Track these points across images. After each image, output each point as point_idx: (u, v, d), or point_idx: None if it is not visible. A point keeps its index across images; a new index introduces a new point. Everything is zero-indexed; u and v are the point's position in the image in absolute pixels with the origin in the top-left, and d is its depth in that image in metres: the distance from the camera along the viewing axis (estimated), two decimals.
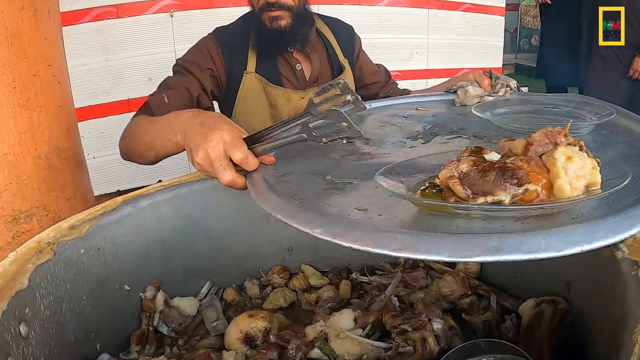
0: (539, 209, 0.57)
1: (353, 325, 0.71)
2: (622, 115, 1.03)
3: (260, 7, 1.42)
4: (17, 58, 0.93)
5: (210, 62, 1.45)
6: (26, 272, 0.69)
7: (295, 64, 1.53)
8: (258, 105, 1.52)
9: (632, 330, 0.46)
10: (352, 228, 0.59)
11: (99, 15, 2.73)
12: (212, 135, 0.88)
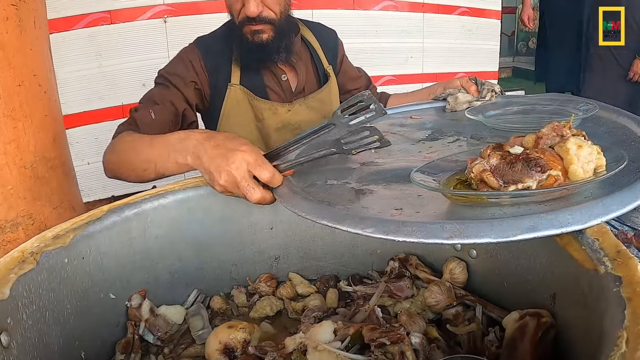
0: (564, 189, 0.66)
1: (332, 337, 0.71)
2: (603, 109, 1.08)
3: (240, 20, 1.37)
4: (1, 68, 0.93)
5: (193, 75, 1.42)
6: (8, 282, 0.69)
7: (280, 75, 1.49)
8: (243, 118, 1.49)
9: (608, 354, 0.46)
10: (401, 224, 0.63)
11: (93, 21, 2.73)
12: (234, 157, 0.89)
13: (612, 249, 0.61)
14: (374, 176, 0.88)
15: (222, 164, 0.89)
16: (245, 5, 1.32)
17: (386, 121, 1.26)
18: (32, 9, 1.02)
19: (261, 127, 1.49)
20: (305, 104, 1.52)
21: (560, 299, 0.72)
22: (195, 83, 1.42)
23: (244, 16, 1.35)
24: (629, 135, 0.91)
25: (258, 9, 1.32)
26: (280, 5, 1.38)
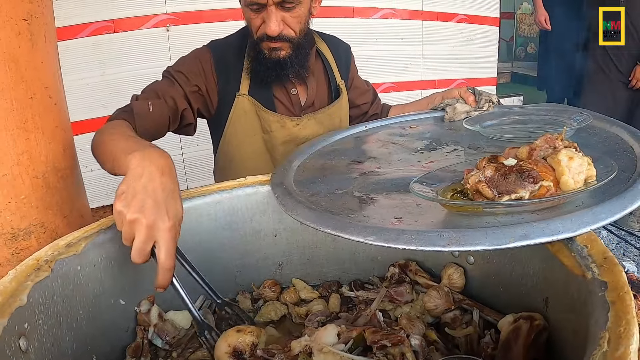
0: (555, 199, 0.70)
1: (336, 340, 0.74)
2: (596, 119, 1.12)
3: (259, 36, 1.35)
4: (14, 82, 0.95)
5: (201, 79, 1.41)
6: (25, 289, 0.72)
7: (290, 89, 1.49)
8: (250, 129, 1.48)
9: (591, 352, 0.49)
10: (401, 233, 0.67)
11: (96, 30, 2.78)
12: (160, 221, 0.81)
13: (600, 255, 0.65)
14: (375, 186, 0.92)
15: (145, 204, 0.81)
16: (267, 23, 1.30)
17: (386, 131, 1.30)
18: (42, 23, 1.05)
19: (268, 139, 1.49)
20: (314, 118, 1.52)
21: (552, 303, 0.75)
22: (200, 87, 1.41)
23: (263, 33, 1.33)
24: (621, 144, 0.95)
25: (279, 28, 1.31)
26: (300, 24, 1.37)
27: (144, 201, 0.81)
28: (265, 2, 1.27)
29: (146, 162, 0.87)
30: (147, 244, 0.81)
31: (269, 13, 1.29)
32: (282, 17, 1.31)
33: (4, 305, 0.68)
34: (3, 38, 0.93)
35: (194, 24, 2.95)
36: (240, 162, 1.52)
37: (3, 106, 0.94)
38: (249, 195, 1.06)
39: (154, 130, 1.31)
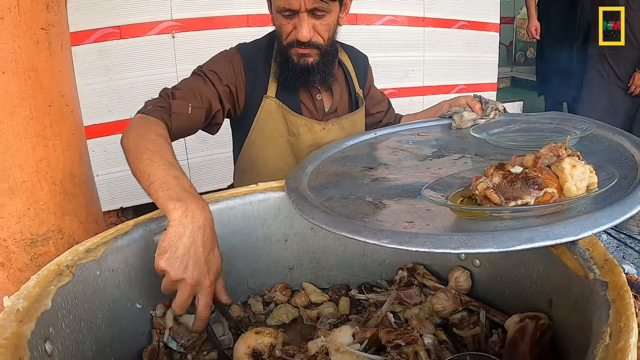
0: (558, 205, 0.73)
1: (352, 340, 0.77)
2: (599, 127, 1.15)
3: (289, 42, 1.39)
4: (33, 91, 0.98)
5: (232, 79, 1.44)
6: (49, 294, 0.75)
7: (315, 94, 1.52)
8: (276, 131, 1.51)
9: (594, 346, 0.53)
10: (414, 236, 0.70)
11: (102, 36, 2.79)
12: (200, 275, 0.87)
13: (601, 257, 0.69)
14: (386, 191, 0.95)
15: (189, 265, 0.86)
16: (298, 30, 1.34)
17: (395, 138, 1.33)
18: (59, 32, 1.07)
19: (294, 141, 1.52)
20: (338, 124, 1.55)
21: (556, 303, 0.79)
22: (230, 87, 1.43)
23: (293, 39, 1.37)
24: (623, 152, 0.98)
25: (310, 35, 1.35)
26: (329, 32, 1.40)
27: (187, 263, 0.86)
28: (297, 8, 1.31)
29: (188, 219, 0.88)
30: (189, 300, 0.88)
31: (300, 20, 1.33)
32: (313, 24, 1.35)
33: (30, 310, 0.70)
34: (23, 47, 0.96)
35: (200, 30, 2.97)
36: (264, 164, 1.55)
37: (23, 114, 0.97)
38: (261, 201, 1.09)
39: (187, 130, 1.34)
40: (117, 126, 2.90)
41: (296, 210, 0.92)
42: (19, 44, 0.95)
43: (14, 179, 0.96)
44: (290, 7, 1.31)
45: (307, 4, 1.30)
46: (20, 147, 0.97)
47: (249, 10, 3.04)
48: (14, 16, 0.93)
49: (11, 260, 0.97)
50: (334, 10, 1.37)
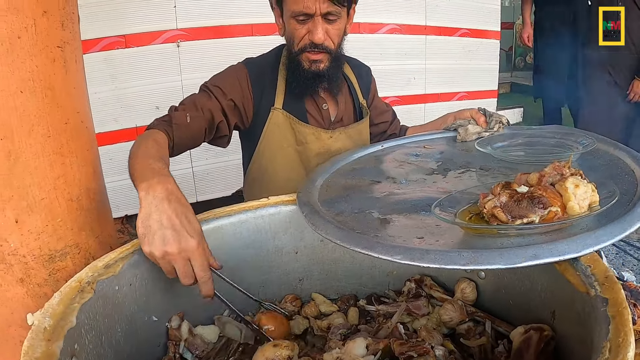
0: (562, 223, 0.76)
1: (365, 351, 0.80)
2: (600, 141, 1.18)
3: (301, 47, 1.45)
4: (50, 108, 1.00)
5: (237, 93, 1.49)
6: (73, 311, 0.78)
7: (322, 104, 1.58)
8: (283, 141, 1.55)
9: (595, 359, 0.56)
10: (425, 252, 0.73)
11: (108, 45, 2.82)
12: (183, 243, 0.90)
13: (602, 274, 0.72)
14: (395, 206, 0.98)
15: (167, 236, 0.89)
16: (313, 32, 1.40)
17: (401, 150, 1.36)
18: (74, 49, 1.09)
19: (302, 150, 1.57)
20: (345, 133, 1.60)
21: (559, 316, 0.82)
22: (235, 101, 1.49)
23: (306, 43, 1.43)
24: (623, 168, 1.01)
25: (324, 37, 1.41)
26: (338, 38, 1.47)
27: (165, 235, 0.89)
28: (313, 12, 1.38)
29: (150, 195, 0.93)
30: (187, 267, 0.90)
31: (315, 23, 1.40)
32: (326, 29, 1.42)
33: (57, 328, 0.73)
34: (40, 66, 0.97)
35: (204, 39, 2.99)
36: (273, 174, 1.60)
37: (40, 132, 0.98)
38: (272, 214, 1.13)
39: (190, 140, 1.39)
40: (122, 135, 2.93)
41: (309, 225, 0.94)
42: (36, 62, 0.97)
43: (33, 196, 0.98)
44: (306, 11, 1.38)
45: (322, 8, 1.37)
46: (39, 165, 0.99)
47: (253, 20, 3.08)
48: (31, 35, 0.95)
49: (30, 276, 0.99)
50: (343, 16, 1.45)
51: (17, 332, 1.00)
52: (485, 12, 4.17)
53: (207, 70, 2.96)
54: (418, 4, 3.80)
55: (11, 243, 0.96)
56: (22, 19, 0.92)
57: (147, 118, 2.84)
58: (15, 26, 0.91)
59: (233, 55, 2.97)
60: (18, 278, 0.98)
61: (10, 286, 0.97)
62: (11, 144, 0.93)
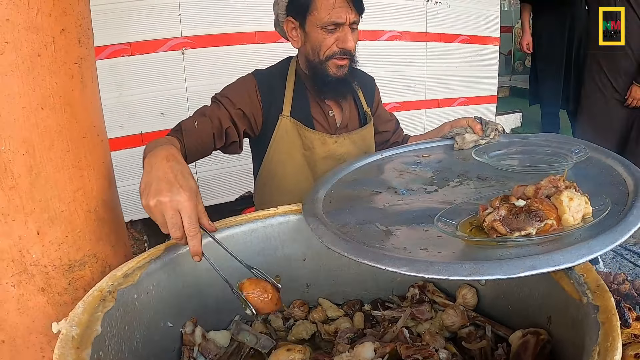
0: (557, 235, 0.81)
1: (374, 355, 0.86)
2: (592, 150, 1.23)
3: (328, 55, 1.53)
4: (70, 123, 1.04)
5: (246, 103, 1.56)
6: (98, 320, 0.83)
7: (328, 111, 1.66)
8: (292, 147, 1.64)
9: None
10: (429, 264, 0.78)
11: (114, 52, 2.85)
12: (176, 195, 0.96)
13: (594, 283, 0.77)
14: (397, 217, 1.02)
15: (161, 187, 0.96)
16: (344, 40, 1.51)
17: (400, 159, 1.41)
18: (90, 65, 1.13)
19: (309, 155, 1.65)
20: (349, 138, 1.68)
21: (555, 321, 0.87)
22: (244, 110, 1.56)
23: (335, 50, 1.52)
24: (616, 177, 1.05)
25: (355, 43, 1.53)
26: (356, 44, 1.57)
27: (158, 186, 0.97)
28: (344, 21, 1.49)
29: (152, 158, 1.04)
30: (175, 217, 0.95)
31: (345, 31, 1.51)
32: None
33: (84, 336, 0.78)
34: (59, 83, 1.01)
35: (209, 47, 3.04)
36: (283, 177, 1.67)
37: (60, 147, 1.02)
38: (281, 223, 1.18)
39: (200, 145, 1.47)
40: (128, 141, 2.97)
41: (317, 237, 0.98)
42: (56, 79, 1.00)
43: (54, 209, 1.02)
44: (338, 21, 1.48)
45: (350, 17, 1.49)
46: (59, 178, 1.03)
47: (256, 28, 3.13)
48: (51, 53, 0.98)
49: (51, 285, 1.04)
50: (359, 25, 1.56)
51: (37, 339, 1.04)
52: (484, 19, 4.22)
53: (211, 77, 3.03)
54: (419, 11, 3.85)
55: (33, 254, 1.00)
56: (42, 37, 0.96)
57: (152, 125, 2.93)
58: (35, 45, 0.94)
59: (237, 63, 3.04)
60: (39, 287, 1.02)
61: (32, 295, 1.01)
62: (33, 159, 0.97)
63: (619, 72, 3.30)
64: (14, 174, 0.95)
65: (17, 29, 0.91)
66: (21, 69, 0.93)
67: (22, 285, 1.00)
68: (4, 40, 0.90)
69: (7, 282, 0.98)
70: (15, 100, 0.93)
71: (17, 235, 0.97)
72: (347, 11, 1.47)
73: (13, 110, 0.93)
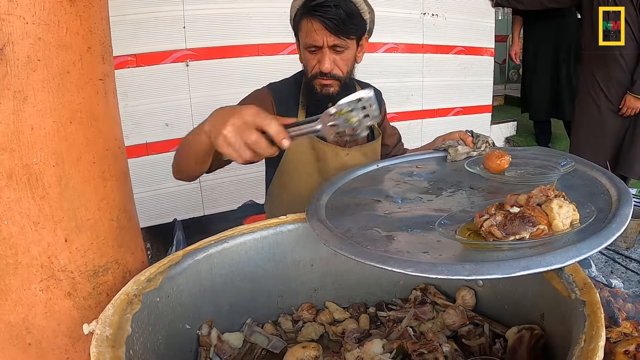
0: (548, 239, 0.88)
1: (382, 350, 0.93)
2: (578, 162, 1.30)
3: (313, 74, 1.61)
4: (95, 137, 1.09)
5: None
6: (128, 321, 0.89)
7: None
8: (305, 158, 1.71)
9: (573, 348, 0.71)
10: (433, 265, 0.84)
11: (120, 64, 2.90)
12: (242, 110, 1.05)
13: (581, 281, 0.86)
14: (398, 223, 1.09)
15: (227, 117, 1.05)
16: (321, 62, 1.57)
17: (396, 170, 1.48)
18: (111, 80, 1.19)
19: (321, 167, 1.72)
20: (361, 151, 1.76)
21: (547, 317, 0.95)
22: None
23: (317, 71, 1.60)
24: (600, 187, 1.13)
25: (331, 67, 1.58)
26: (347, 67, 1.63)
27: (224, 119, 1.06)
28: (321, 44, 1.55)
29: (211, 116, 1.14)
30: (256, 136, 1.04)
31: (323, 54, 1.56)
32: (334, 58, 1.58)
33: (117, 336, 0.85)
34: (86, 98, 1.06)
35: (213, 59, 3.10)
36: (295, 187, 1.75)
37: (87, 159, 1.08)
38: (290, 230, 1.25)
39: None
40: (133, 151, 3.03)
41: (323, 242, 1.03)
42: (83, 95, 1.05)
43: (80, 217, 1.08)
44: (315, 44, 1.55)
45: (329, 41, 1.54)
46: (86, 189, 1.08)
47: (259, 40, 3.20)
48: (78, 70, 1.04)
49: (77, 290, 1.09)
50: (351, 47, 1.61)
51: (62, 341, 1.09)
52: (480, 30, 4.31)
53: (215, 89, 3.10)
54: (416, 23, 3.94)
55: (61, 260, 1.05)
56: (71, 55, 1.01)
57: (157, 135, 3.00)
58: (65, 62, 1.00)
59: (239, 74, 3.11)
60: (66, 292, 1.08)
61: (59, 299, 1.07)
62: (62, 170, 1.02)
63: (612, 82, 3.37)
64: (45, 184, 1.00)
65: (48, 47, 0.97)
66: (52, 85, 0.98)
67: (50, 290, 1.05)
68: (37, 58, 0.95)
69: (36, 287, 1.04)
70: (47, 115, 0.98)
71: (46, 242, 1.02)
72: (324, 34, 1.53)
73: (44, 125, 0.98)
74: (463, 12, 4.17)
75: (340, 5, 1.51)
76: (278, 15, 3.09)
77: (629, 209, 0.95)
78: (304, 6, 1.56)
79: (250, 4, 3.15)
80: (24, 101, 0.96)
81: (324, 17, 1.50)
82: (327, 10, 1.50)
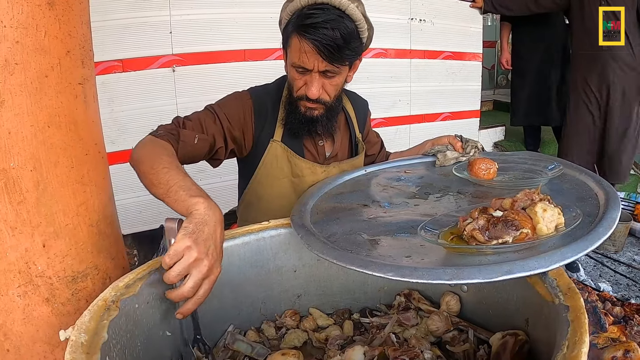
0: (532, 243, 0.88)
1: (363, 357, 0.92)
2: (566, 166, 1.31)
3: (299, 96, 1.50)
4: (74, 142, 1.08)
5: (240, 124, 1.55)
6: (104, 327, 0.87)
7: (318, 141, 1.64)
8: (280, 172, 1.62)
9: (555, 354, 0.70)
10: (413, 269, 0.84)
11: (105, 69, 2.88)
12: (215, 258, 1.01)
13: (565, 286, 0.85)
14: (382, 228, 1.09)
15: (210, 248, 0.99)
16: (308, 87, 1.45)
17: (384, 175, 1.48)
18: (91, 85, 1.17)
19: (297, 182, 1.63)
20: (339, 167, 1.68)
21: (532, 322, 0.94)
22: (237, 130, 1.54)
23: (303, 94, 1.48)
24: (588, 191, 1.13)
25: (318, 93, 1.46)
26: (336, 91, 1.52)
27: (209, 246, 0.99)
28: (311, 68, 1.42)
29: (211, 212, 1.03)
30: (202, 281, 0.99)
31: (312, 78, 1.44)
32: (323, 83, 1.46)
33: (93, 342, 0.83)
34: (64, 102, 1.05)
35: (199, 64, 3.09)
36: (269, 201, 1.67)
37: (65, 164, 1.06)
38: (272, 236, 1.23)
39: (191, 158, 1.45)
40: (119, 156, 2.98)
41: (306, 246, 1.03)
42: (61, 99, 1.04)
43: (59, 222, 1.07)
44: (304, 66, 1.42)
45: (320, 66, 1.41)
46: (64, 193, 1.07)
47: (245, 46, 3.18)
48: (57, 74, 1.03)
49: (55, 295, 1.08)
50: (343, 71, 1.49)
51: (41, 347, 1.07)
52: (467, 36, 4.33)
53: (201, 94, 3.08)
54: (403, 28, 3.94)
55: (39, 266, 1.04)
56: (49, 59, 1.00)
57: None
58: (43, 66, 0.99)
59: (226, 80, 3.10)
60: (44, 298, 1.06)
61: (37, 305, 1.05)
62: (40, 174, 1.01)
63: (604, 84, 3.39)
64: (22, 189, 0.99)
65: (26, 51, 0.95)
66: (30, 89, 0.97)
67: (28, 295, 1.03)
68: (14, 62, 0.94)
69: (14, 293, 1.02)
70: (24, 118, 0.97)
71: (24, 247, 1.01)
72: (315, 59, 1.39)
73: (22, 129, 0.97)
74: (451, 18, 4.19)
75: (338, 27, 1.36)
76: (264, 20, 3.07)
77: (616, 212, 0.95)
78: (296, 23, 1.40)
79: (236, 10, 3.14)
80: (1, 105, 0.94)
81: (318, 42, 1.36)
82: (323, 34, 1.35)
